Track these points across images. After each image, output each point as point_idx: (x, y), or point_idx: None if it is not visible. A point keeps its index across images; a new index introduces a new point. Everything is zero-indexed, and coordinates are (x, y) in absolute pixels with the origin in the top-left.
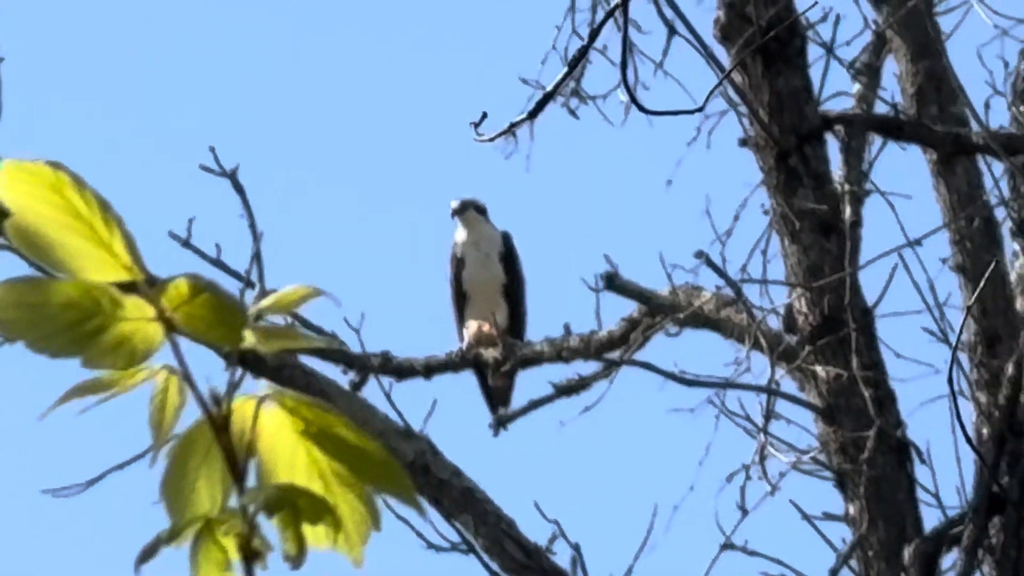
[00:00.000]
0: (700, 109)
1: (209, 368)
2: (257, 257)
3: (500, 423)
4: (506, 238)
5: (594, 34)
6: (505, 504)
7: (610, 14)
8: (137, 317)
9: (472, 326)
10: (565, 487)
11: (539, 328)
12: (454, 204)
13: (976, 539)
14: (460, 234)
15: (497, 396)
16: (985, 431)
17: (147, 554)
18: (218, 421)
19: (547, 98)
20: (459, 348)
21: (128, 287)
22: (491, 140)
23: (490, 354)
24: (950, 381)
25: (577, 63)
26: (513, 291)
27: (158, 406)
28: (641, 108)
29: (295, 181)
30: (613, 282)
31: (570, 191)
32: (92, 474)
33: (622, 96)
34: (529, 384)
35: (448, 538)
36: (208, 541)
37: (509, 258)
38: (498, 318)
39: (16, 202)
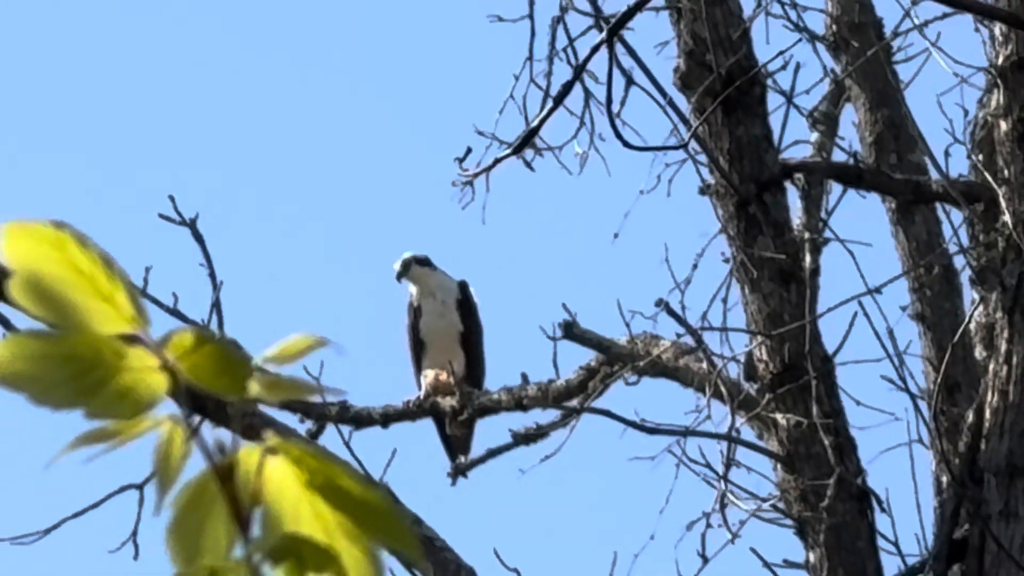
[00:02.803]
0: (683, 146)
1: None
2: (216, 306)
3: (459, 471)
4: (463, 287)
5: (581, 68)
6: (465, 553)
7: (602, 44)
8: (140, 368)
9: (429, 375)
10: (525, 535)
11: (497, 377)
12: (396, 267)
13: None
14: (412, 288)
15: (456, 445)
16: (944, 479)
17: None
18: (223, 471)
19: (532, 133)
20: (417, 397)
21: (132, 338)
22: (475, 176)
23: (448, 403)
24: (935, 416)
25: (564, 95)
26: (471, 340)
27: (163, 456)
28: (625, 142)
29: (255, 230)
30: (571, 331)
31: (528, 240)
32: (48, 522)
33: (578, 148)
34: (488, 432)
35: None
36: None
37: (466, 306)
38: (455, 367)
39: (19, 261)
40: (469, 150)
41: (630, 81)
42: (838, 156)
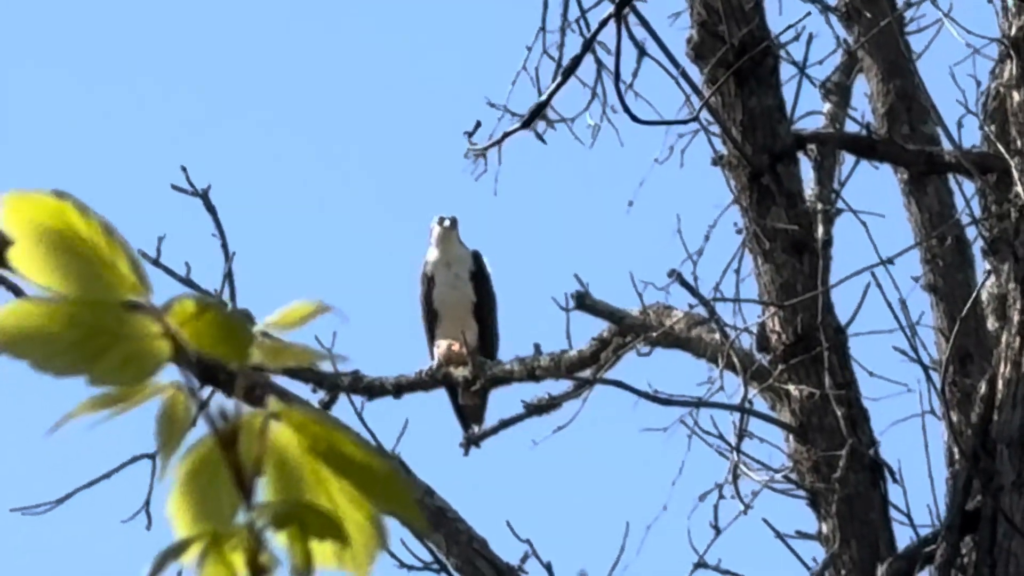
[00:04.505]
0: (694, 119)
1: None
2: (228, 276)
3: (471, 442)
4: (476, 257)
5: (589, 42)
6: (477, 523)
7: (611, 16)
8: (143, 334)
9: (442, 345)
10: (537, 506)
11: (510, 347)
12: (448, 218)
13: (949, 558)
14: (432, 252)
15: (469, 415)
16: (956, 449)
17: (155, 569)
18: (226, 437)
19: (542, 106)
20: (429, 367)
21: (134, 306)
22: (486, 149)
23: (460, 373)
24: (946, 387)
25: (574, 68)
26: (484, 310)
27: (166, 422)
28: (634, 117)
29: (266, 200)
30: (583, 301)
31: (541, 211)
32: (61, 492)
33: (590, 120)
34: (500, 403)
35: (420, 558)
36: (215, 556)
37: (480, 277)
38: (468, 337)
39: (19, 230)
40: (479, 124)
41: (642, 52)
42: (851, 127)
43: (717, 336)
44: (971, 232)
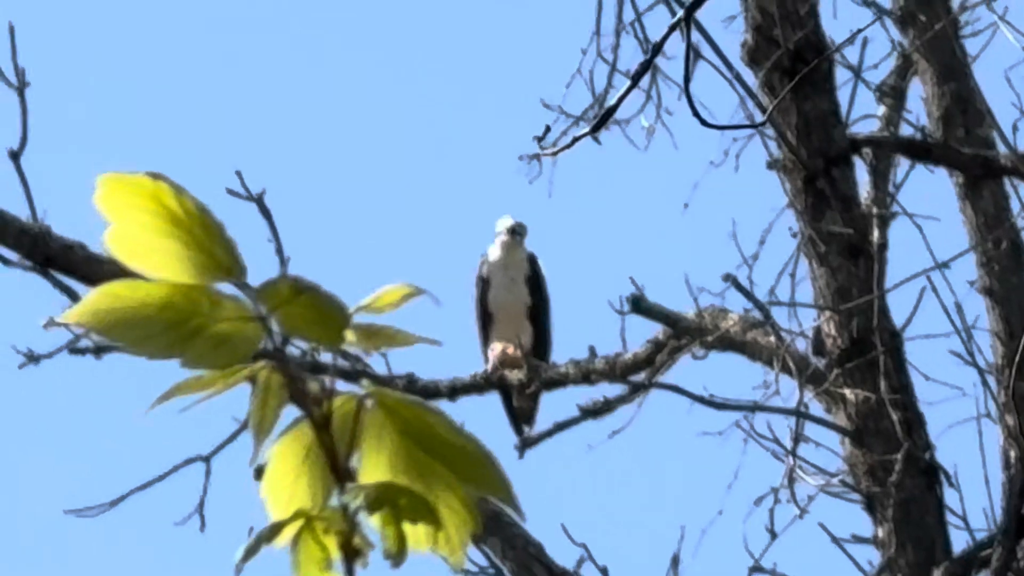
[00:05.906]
0: (761, 124)
1: None
2: None
3: (526, 445)
4: (532, 260)
5: (658, 47)
6: (532, 528)
7: (675, 25)
8: (236, 317)
9: (497, 348)
10: (593, 510)
11: (564, 350)
12: (515, 225)
13: (1005, 562)
14: (494, 253)
15: (522, 417)
16: (1013, 453)
17: (249, 553)
18: (319, 419)
19: (609, 113)
20: (484, 370)
21: (229, 288)
22: (555, 153)
23: (515, 376)
24: (1011, 391)
25: (641, 75)
26: (538, 313)
27: (259, 404)
28: (704, 122)
29: (322, 204)
30: (639, 304)
31: (597, 214)
32: (115, 495)
33: (644, 121)
34: (554, 406)
35: (476, 562)
36: (309, 539)
37: (535, 280)
38: (523, 340)
39: (114, 212)
40: (548, 129)
41: (698, 55)
42: (906, 130)
43: (773, 340)
44: None
